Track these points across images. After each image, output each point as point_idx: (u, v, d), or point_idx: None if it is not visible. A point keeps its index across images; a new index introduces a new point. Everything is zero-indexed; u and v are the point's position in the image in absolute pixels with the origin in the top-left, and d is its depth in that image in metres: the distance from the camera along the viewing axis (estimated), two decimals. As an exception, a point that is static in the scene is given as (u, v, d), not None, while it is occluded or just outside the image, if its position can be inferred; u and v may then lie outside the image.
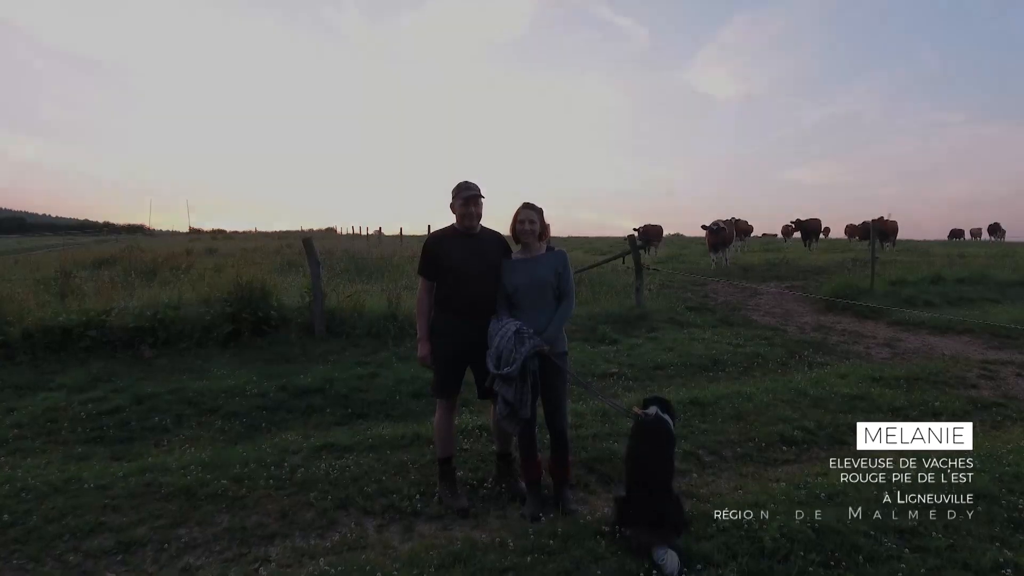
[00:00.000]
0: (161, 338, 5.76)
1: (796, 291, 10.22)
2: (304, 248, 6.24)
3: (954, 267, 10.90)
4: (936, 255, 17.84)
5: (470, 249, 3.00)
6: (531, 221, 2.97)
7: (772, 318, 7.83)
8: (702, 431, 3.83)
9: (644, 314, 7.18)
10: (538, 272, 2.93)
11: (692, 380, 5.15)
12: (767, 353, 5.82)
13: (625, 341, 6.30)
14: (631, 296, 7.67)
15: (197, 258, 18.50)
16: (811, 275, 12.69)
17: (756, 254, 19.35)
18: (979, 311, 7.81)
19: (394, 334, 6.32)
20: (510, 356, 2.75)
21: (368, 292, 7.68)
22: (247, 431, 4.10)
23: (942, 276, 9.47)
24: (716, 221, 12.97)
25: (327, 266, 12.51)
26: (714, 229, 12.98)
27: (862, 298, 8.40)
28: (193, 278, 10.86)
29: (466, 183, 3.02)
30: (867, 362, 5.69)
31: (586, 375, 5.20)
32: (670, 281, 11.57)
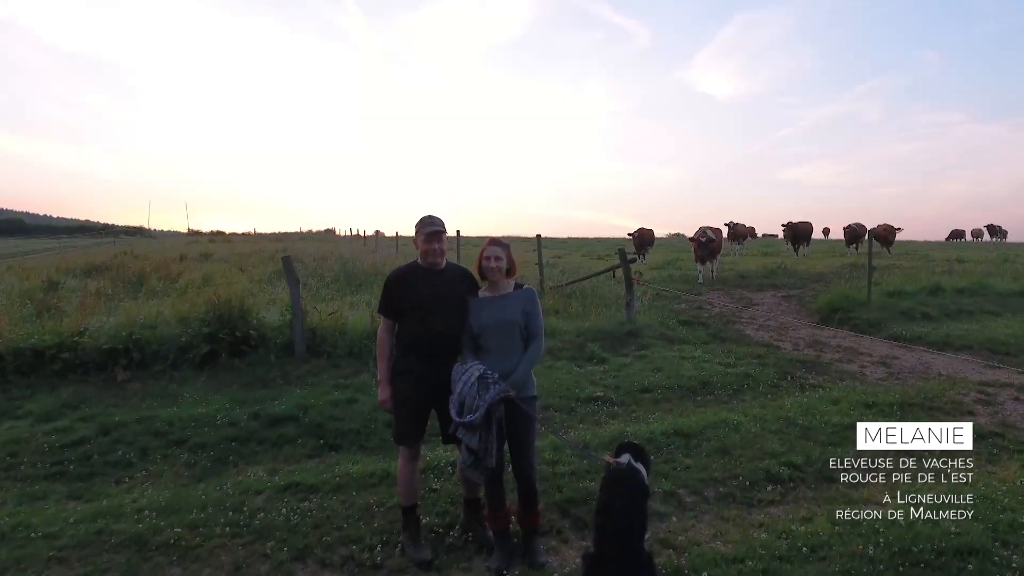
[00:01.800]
0: (136, 360, 5.61)
1: (793, 300, 10.06)
2: (283, 267, 6.07)
3: (953, 276, 10.72)
4: (935, 260, 17.66)
5: (434, 286, 2.84)
6: (497, 258, 2.82)
7: (766, 332, 7.66)
8: (685, 467, 3.67)
9: (634, 330, 7.01)
10: (505, 312, 2.78)
11: (679, 405, 4.99)
12: (758, 374, 5.66)
13: (613, 360, 6.14)
14: (623, 309, 7.51)
15: (190, 264, 18.38)
16: (809, 282, 12.52)
17: (754, 259, 19.18)
18: (978, 325, 7.65)
19: (376, 353, 6.15)
20: (473, 403, 2.59)
21: (353, 306, 7.53)
22: (214, 465, 3.95)
23: (941, 286, 9.30)
24: (704, 230, 12.41)
25: (317, 275, 12.39)
26: (702, 241, 12.32)
27: (859, 311, 8.24)
28: (179, 289, 10.76)
29: (430, 218, 2.88)
30: (861, 383, 5.53)
31: (570, 399, 5.05)
32: (667, 288, 11.41)
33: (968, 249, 26.95)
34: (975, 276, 10.51)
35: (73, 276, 14.69)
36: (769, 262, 16.97)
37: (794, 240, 19.21)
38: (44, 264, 18.47)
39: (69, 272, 15.58)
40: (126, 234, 61.60)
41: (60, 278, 12.90)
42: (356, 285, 10.85)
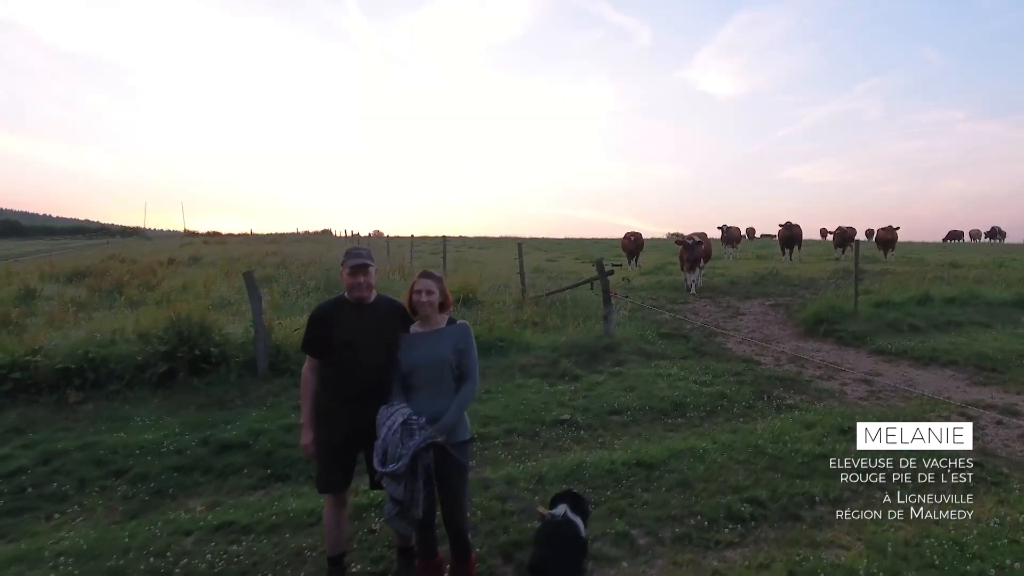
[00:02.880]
0: (90, 380, 5.43)
1: (780, 310, 9.87)
2: (244, 282, 5.88)
3: (943, 284, 10.51)
4: (929, 264, 17.46)
5: (362, 322, 2.66)
6: (429, 291, 2.64)
7: (749, 346, 7.47)
8: (643, 503, 3.48)
9: (612, 345, 6.83)
10: (437, 349, 2.60)
11: (649, 428, 4.81)
12: (734, 394, 5.47)
13: (586, 378, 5.95)
14: (602, 322, 7.31)
15: (176, 269, 18.24)
16: (799, 289, 12.33)
17: (747, 263, 18.98)
18: (966, 338, 7.46)
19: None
20: (396, 451, 2.41)
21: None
22: (152, 499, 3.77)
23: (930, 296, 9.10)
24: (693, 235, 12.14)
25: (300, 281, 12.20)
26: (689, 244, 11.73)
27: (845, 322, 8.05)
28: (156, 298, 10.59)
29: (355, 250, 2.70)
30: (840, 404, 5.35)
31: (536, 422, 4.86)
32: (653, 297, 11.22)
33: (964, 252, 26.76)
34: (966, 284, 10.32)
35: (56, 282, 14.54)
36: (761, 267, 16.77)
37: (786, 244, 18.96)
38: (30, 269, 18.33)
39: (52, 278, 15.41)
40: (123, 235, 61.49)
41: (40, 285, 12.72)
42: (337, 292, 10.66)
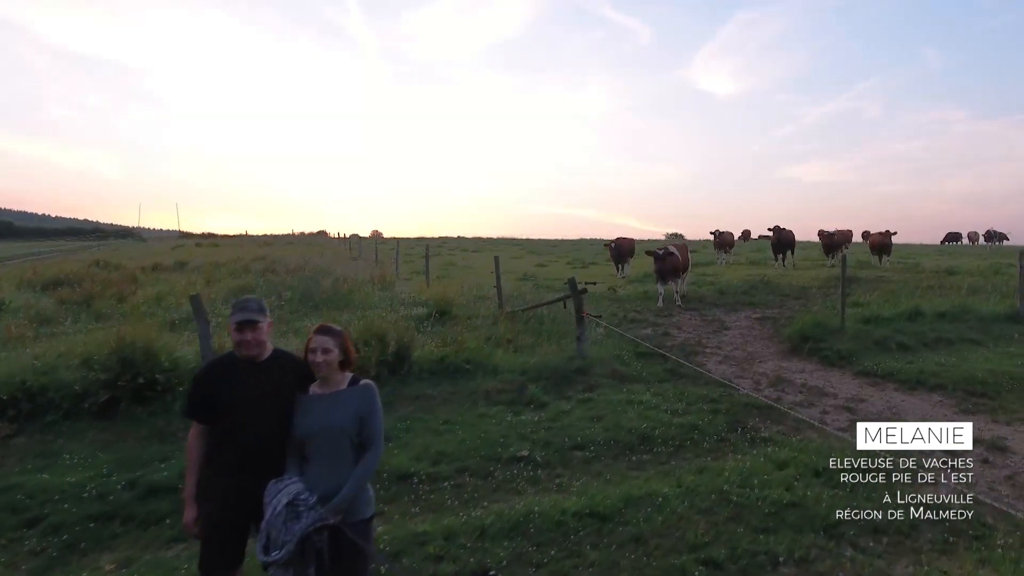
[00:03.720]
0: (25, 410, 5.14)
1: (767, 323, 9.57)
2: (192, 306, 5.57)
3: (936, 296, 10.18)
4: (925, 271, 17.14)
5: (253, 382, 2.37)
6: (326, 350, 2.34)
7: (729, 366, 7.17)
8: (589, 564, 3.18)
9: (584, 367, 6.53)
10: (334, 415, 2.30)
11: (612, 466, 4.51)
12: (707, 425, 5.17)
13: (553, 405, 5.66)
14: (575, 342, 7.00)
15: (158, 276, 17.95)
16: (788, 299, 12.02)
17: (740, 268, 18.68)
18: (956, 358, 7.15)
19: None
20: (279, 537, 2.12)
21: (286, 336, 7.05)
22: (61, 554, 3.47)
23: (920, 311, 8.79)
24: (677, 234, 11.61)
25: (276, 292, 11.89)
26: (659, 254, 10.74)
27: (831, 339, 7.75)
28: (124, 311, 10.30)
29: (242, 302, 2.40)
30: (819, 435, 5.05)
31: (491, 460, 4.56)
32: (638, 309, 10.91)
33: (962, 256, 26.44)
34: (958, 297, 10.00)
35: (32, 290, 14.23)
36: (753, 274, 16.46)
37: (777, 249, 18.61)
38: (12, 275, 18.03)
39: (30, 286, 15.13)
40: (118, 237, 61.20)
41: (11, 296, 12.41)
42: (311, 306, 10.38)
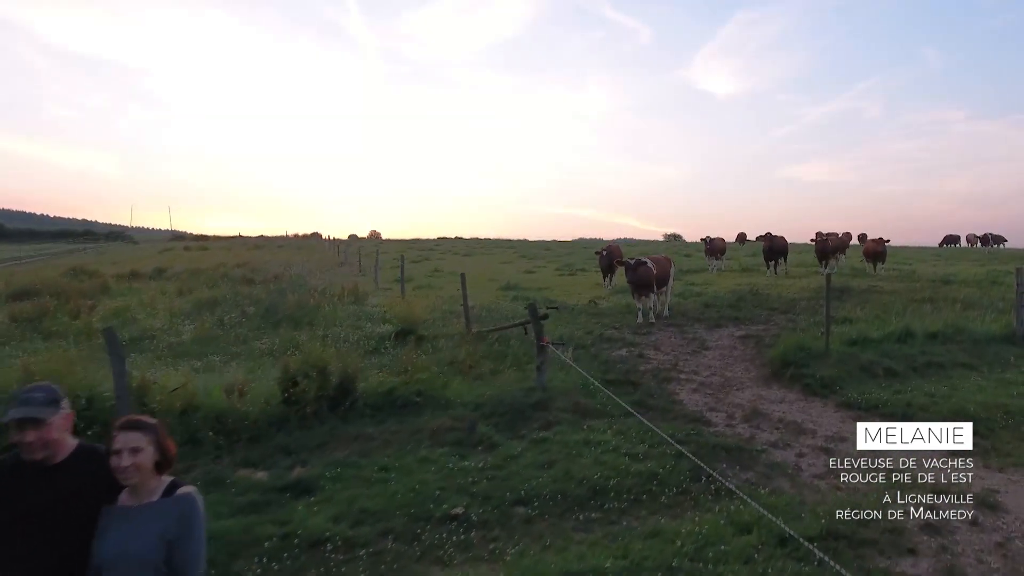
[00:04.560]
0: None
1: (750, 343, 9.09)
2: (105, 340, 5.07)
3: (928, 313, 9.68)
4: (921, 279, 16.67)
5: (43, 492, 1.88)
6: (133, 450, 1.85)
7: (703, 395, 6.68)
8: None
9: (544, 400, 6.04)
10: (134, 539, 1.81)
11: (555, 527, 4.02)
12: (668, 473, 4.67)
13: (504, 447, 5.17)
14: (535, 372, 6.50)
15: (131, 286, 17.47)
16: (776, 314, 11.54)
17: (731, 277, 18.20)
18: (947, 386, 6.67)
19: (230, 440, 5.22)
20: None
21: (221, 366, 6.57)
22: None
23: (911, 331, 8.30)
24: (649, 256, 10.59)
25: (239, 307, 11.39)
26: (631, 264, 9.91)
27: (814, 364, 7.26)
28: (76, 330, 9.81)
29: (27, 392, 1.91)
30: (792, 484, 4.58)
31: (421, 519, 4.06)
32: (618, 325, 10.43)
33: (960, 261, 25.96)
34: (951, 315, 9.51)
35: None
36: (743, 283, 16.00)
37: (768, 257, 18.11)
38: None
39: (0, 293, 14.65)
40: (110, 239, 60.66)
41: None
42: (273, 323, 9.89)
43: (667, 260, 11.17)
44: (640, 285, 10.21)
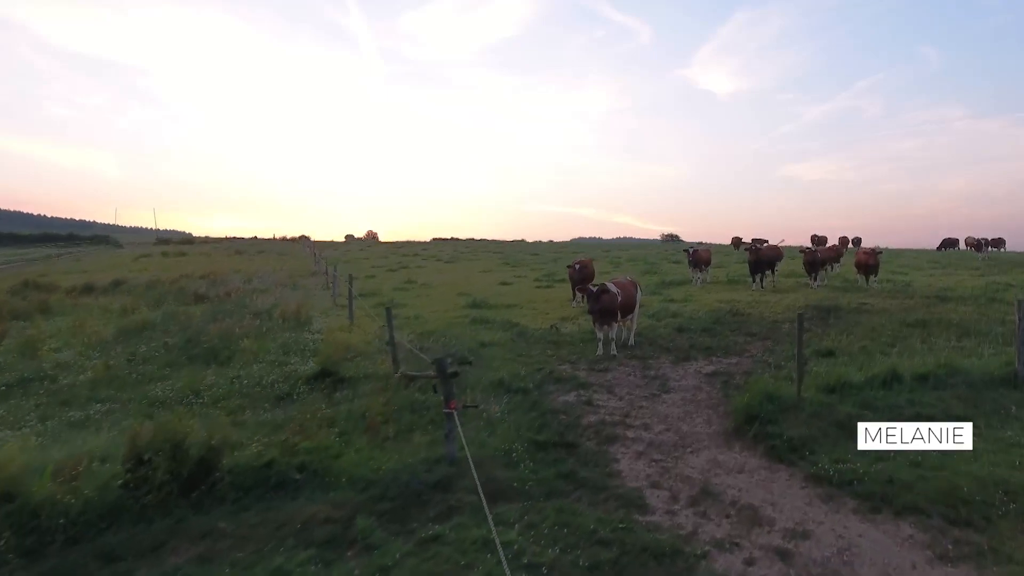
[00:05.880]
0: None
1: (717, 382, 8.07)
2: None
3: (916, 353, 8.62)
4: (915, 296, 15.64)
5: None
6: None
7: (648, 463, 5.66)
8: None
9: (450, 477, 5.02)
10: None
11: None
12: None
13: (381, 551, 4.14)
14: (445, 440, 5.44)
15: (79, 301, 16.49)
16: (755, 340, 10.52)
17: (715, 291, 17.13)
18: (937, 456, 5.62)
19: (42, 543, 4.21)
20: None
21: (81, 432, 5.55)
22: None
23: (898, 374, 7.25)
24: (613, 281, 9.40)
25: (169, 333, 10.35)
26: (593, 292, 8.93)
27: (783, 419, 6.24)
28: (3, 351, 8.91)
29: None
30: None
31: None
32: (574, 357, 9.42)
33: (959, 269, 24.90)
34: (944, 351, 8.48)
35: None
36: (725, 299, 14.96)
37: (754, 269, 17.02)
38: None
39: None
40: (93, 243, 59.50)
41: None
42: (188, 358, 8.87)
43: (633, 284, 10.12)
44: (603, 313, 9.18)
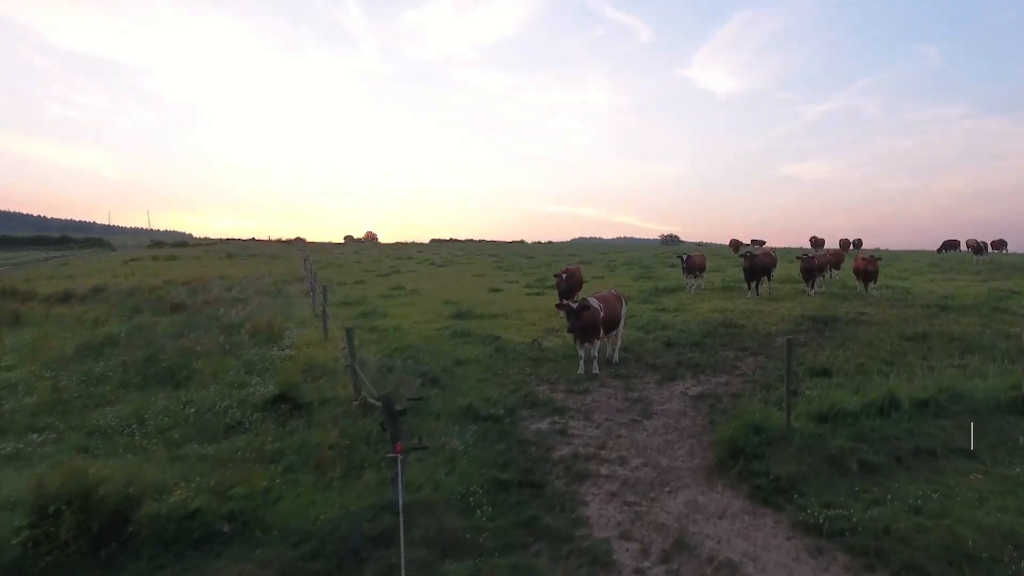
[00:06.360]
0: None
1: (704, 406, 7.56)
2: None
3: (916, 377, 8.06)
4: (917, 299, 15.11)
5: None
6: None
7: (620, 507, 5.14)
8: None
9: (390, 530, 4.49)
10: None
11: None
12: None
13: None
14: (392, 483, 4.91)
15: (51, 312, 15.97)
16: (746, 356, 10.01)
17: (709, 299, 16.60)
18: (940, 492, 5.13)
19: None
20: None
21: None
22: None
23: (896, 399, 6.74)
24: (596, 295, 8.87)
25: (131, 349, 9.83)
26: (573, 309, 8.35)
27: (771, 454, 5.73)
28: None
29: None
30: None
31: None
32: (554, 376, 8.91)
33: (960, 274, 24.38)
34: (945, 374, 7.97)
35: None
36: (719, 308, 14.45)
37: (750, 277, 16.50)
38: None
39: None
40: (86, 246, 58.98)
41: None
42: (143, 379, 8.37)
43: (617, 298, 9.60)
44: (585, 331, 8.67)
